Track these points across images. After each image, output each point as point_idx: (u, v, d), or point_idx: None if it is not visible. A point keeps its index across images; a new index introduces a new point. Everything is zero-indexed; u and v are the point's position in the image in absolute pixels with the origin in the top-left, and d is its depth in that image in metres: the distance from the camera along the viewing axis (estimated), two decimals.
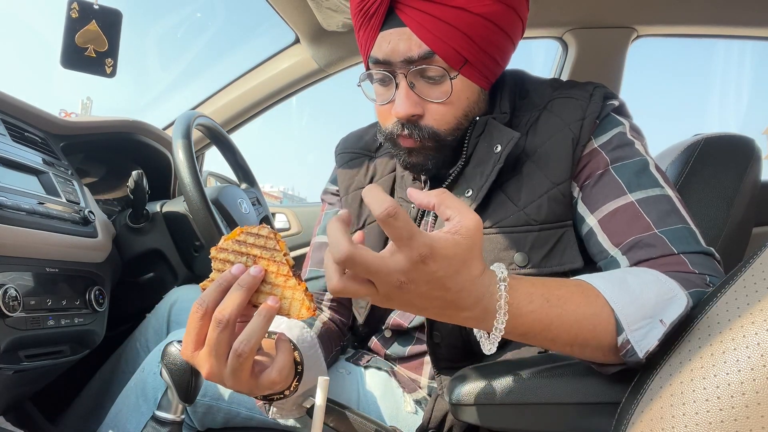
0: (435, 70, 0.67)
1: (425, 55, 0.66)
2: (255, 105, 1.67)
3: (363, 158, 0.87)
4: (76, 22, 0.83)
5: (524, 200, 0.69)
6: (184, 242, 1.30)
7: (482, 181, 0.70)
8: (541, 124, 0.72)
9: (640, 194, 0.65)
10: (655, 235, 0.62)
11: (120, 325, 1.27)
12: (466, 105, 0.71)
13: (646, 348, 0.49)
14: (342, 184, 0.87)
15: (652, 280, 0.53)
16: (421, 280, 0.44)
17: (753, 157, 0.98)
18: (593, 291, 0.52)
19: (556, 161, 0.69)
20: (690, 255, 0.60)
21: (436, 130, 0.69)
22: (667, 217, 0.63)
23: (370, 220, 0.82)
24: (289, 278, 0.51)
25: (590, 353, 0.52)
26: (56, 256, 0.95)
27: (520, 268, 0.67)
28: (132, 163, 1.47)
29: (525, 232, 0.68)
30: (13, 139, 1.02)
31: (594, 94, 0.71)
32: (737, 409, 0.39)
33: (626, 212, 0.65)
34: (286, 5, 1.35)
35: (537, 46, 1.73)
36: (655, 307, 0.50)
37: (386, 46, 0.67)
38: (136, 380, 0.87)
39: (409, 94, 0.68)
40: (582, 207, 0.69)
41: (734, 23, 1.42)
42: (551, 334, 0.50)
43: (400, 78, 0.68)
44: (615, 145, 0.69)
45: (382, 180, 0.83)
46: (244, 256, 0.52)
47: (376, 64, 0.69)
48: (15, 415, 1.02)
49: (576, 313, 0.50)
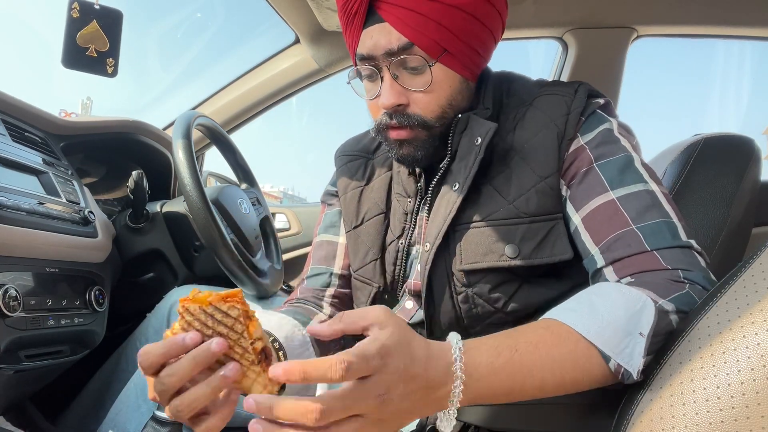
0: (415, 60, 0.69)
1: (404, 47, 0.69)
2: (255, 105, 1.67)
3: (361, 159, 0.89)
4: (77, 21, 0.83)
5: (513, 194, 0.70)
6: (184, 242, 1.30)
7: (466, 173, 0.71)
8: (528, 119, 0.73)
9: (622, 191, 0.65)
10: (631, 231, 0.62)
11: (120, 325, 1.27)
12: (449, 93, 0.73)
13: (636, 367, 0.49)
14: (341, 185, 0.89)
15: (617, 296, 0.53)
16: (393, 381, 0.44)
17: (753, 157, 0.98)
18: (564, 328, 0.51)
19: (542, 156, 0.70)
20: (663, 251, 0.60)
21: (422, 117, 0.72)
22: (645, 213, 0.63)
23: (368, 217, 0.83)
24: (253, 364, 0.46)
25: (585, 385, 0.51)
26: (56, 256, 0.95)
27: (511, 260, 0.68)
28: (132, 163, 1.47)
29: (515, 225, 0.69)
30: (13, 139, 1.02)
31: (578, 91, 0.73)
32: (737, 409, 0.39)
33: (607, 210, 0.65)
34: (286, 5, 1.35)
35: (537, 46, 1.73)
36: (628, 323, 0.50)
37: (369, 42, 0.71)
38: (135, 380, 0.87)
39: (392, 84, 0.71)
40: (569, 206, 0.69)
41: (734, 23, 1.42)
42: (536, 382, 0.49)
43: (384, 71, 0.71)
44: (599, 142, 0.69)
45: (380, 178, 0.85)
46: (209, 329, 0.46)
47: (362, 60, 0.72)
48: (15, 415, 1.02)
49: (551, 355, 0.50)
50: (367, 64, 0.72)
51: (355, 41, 0.73)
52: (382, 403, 0.43)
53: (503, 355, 0.49)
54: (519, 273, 0.69)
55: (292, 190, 45.83)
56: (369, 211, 0.83)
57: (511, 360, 0.49)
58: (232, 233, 1.22)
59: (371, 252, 0.81)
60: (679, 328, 0.50)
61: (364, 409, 0.43)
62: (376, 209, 0.83)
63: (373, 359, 0.43)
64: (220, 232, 1.06)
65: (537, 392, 0.50)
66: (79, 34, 0.83)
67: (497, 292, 0.69)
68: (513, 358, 0.49)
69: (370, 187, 0.86)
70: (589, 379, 0.51)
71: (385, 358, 0.43)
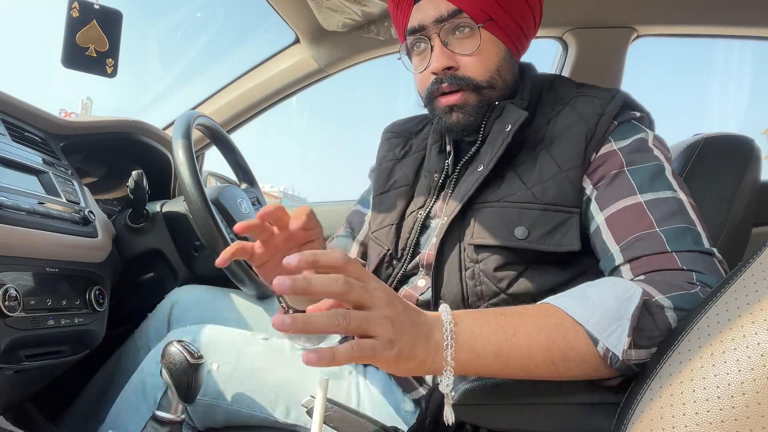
0: (464, 22, 0.75)
1: (453, 13, 0.75)
2: (255, 105, 1.67)
3: (402, 138, 0.96)
4: (76, 21, 0.83)
5: (533, 181, 0.73)
6: (184, 242, 1.30)
7: (492, 155, 0.75)
8: (561, 116, 0.76)
9: (650, 195, 0.66)
10: (654, 233, 0.63)
11: (120, 325, 1.26)
12: (497, 59, 0.78)
13: (621, 348, 0.50)
14: (378, 157, 0.96)
15: (609, 286, 0.55)
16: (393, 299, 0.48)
17: (753, 157, 0.98)
18: (552, 307, 0.54)
19: (567, 149, 0.73)
20: (682, 253, 0.61)
21: (472, 78, 0.77)
22: (671, 217, 0.64)
23: (395, 187, 0.89)
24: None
25: (577, 368, 0.53)
26: (56, 256, 0.95)
27: (519, 240, 0.70)
28: (132, 163, 1.47)
29: (529, 209, 0.71)
30: (13, 139, 1.02)
31: (616, 96, 0.75)
32: (737, 409, 0.39)
33: (633, 211, 0.66)
34: (286, 5, 1.35)
35: (537, 46, 1.73)
36: (617, 309, 0.51)
37: (419, 15, 0.77)
38: (135, 381, 0.87)
39: (442, 49, 0.76)
40: (594, 206, 0.70)
41: (734, 23, 1.42)
42: (522, 347, 0.51)
43: (434, 38, 0.77)
44: (632, 149, 0.71)
45: (413, 155, 0.91)
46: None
47: (412, 33, 0.78)
48: (15, 415, 1.02)
49: (537, 324, 0.52)
50: (417, 36, 0.78)
51: (405, 18, 0.79)
52: (387, 301, 0.48)
53: (488, 314, 0.53)
54: (525, 257, 0.71)
55: (292, 190, 45.85)
56: (397, 182, 0.89)
57: (496, 320, 0.53)
58: (232, 233, 1.22)
59: (390, 217, 0.85)
60: (679, 328, 0.50)
61: (367, 295, 0.47)
62: (404, 181, 0.88)
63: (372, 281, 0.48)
64: (220, 232, 1.06)
65: (527, 360, 0.52)
66: (79, 34, 0.83)
67: (502, 272, 0.71)
68: (497, 319, 0.53)
69: (403, 162, 0.91)
70: (578, 360, 0.52)
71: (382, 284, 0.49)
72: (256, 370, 0.83)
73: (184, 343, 0.76)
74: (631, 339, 0.50)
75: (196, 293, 1.17)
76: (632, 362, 0.51)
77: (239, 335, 0.89)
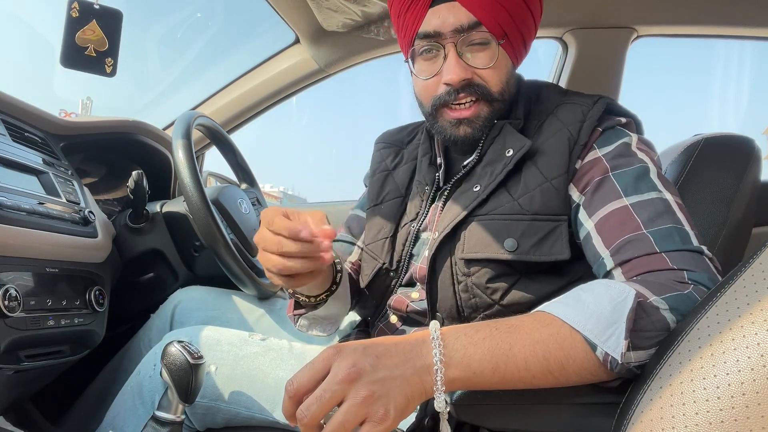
0: (483, 36, 0.74)
1: (473, 25, 0.73)
2: (255, 105, 1.67)
3: (393, 148, 0.95)
4: (76, 21, 0.83)
5: (519, 192, 0.73)
6: (184, 242, 1.30)
7: (491, 179, 0.75)
8: (545, 127, 0.76)
9: (636, 198, 0.66)
10: (642, 235, 0.63)
11: (120, 325, 1.27)
12: (507, 74, 0.78)
13: (620, 351, 0.50)
14: (371, 167, 0.96)
15: (603, 289, 0.54)
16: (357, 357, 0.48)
17: (753, 157, 0.98)
18: (547, 315, 0.53)
19: (551, 158, 0.73)
20: (671, 253, 0.61)
21: (488, 88, 0.76)
22: (657, 218, 0.64)
23: (387, 199, 0.88)
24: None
25: (575, 374, 0.52)
26: (56, 256, 0.95)
27: (509, 253, 0.70)
28: (132, 163, 1.47)
29: (517, 220, 0.71)
30: (13, 139, 1.02)
31: (597, 102, 0.75)
32: (737, 409, 0.39)
33: (620, 215, 0.66)
34: (286, 5, 1.35)
35: (537, 47, 1.73)
36: (613, 313, 0.51)
37: (436, 20, 0.74)
38: (132, 383, 0.87)
39: (458, 60, 0.74)
40: (582, 213, 0.70)
41: (734, 23, 1.42)
42: (519, 361, 0.50)
43: (450, 47, 0.74)
44: (617, 154, 0.71)
45: (405, 166, 0.91)
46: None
47: (425, 38, 0.76)
48: (15, 415, 1.02)
49: (532, 336, 0.51)
50: (431, 41, 0.75)
51: (417, 21, 0.76)
52: (354, 378, 0.46)
53: (482, 331, 0.52)
54: (517, 267, 0.71)
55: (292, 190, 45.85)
56: (389, 194, 0.88)
57: (491, 336, 0.51)
58: (232, 233, 1.22)
59: (384, 230, 0.85)
60: (679, 328, 0.50)
61: (338, 389, 0.46)
62: (396, 192, 0.88)
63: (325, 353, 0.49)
64: (220, 232, 1.06)
65: (524, 373, 0.51)
66: (78, 33, 0.83)
67: (495, 284, 0.71)
68: (492, 335, 0.51)
69: (395, 172, 0.91)
70: (576, 366, 0.51)
71: (337, 349, 0.48)
72: (255, 371, 0.83)
73: (184, 343, 0.76)
74: (628, 341, 0.50)
75: (199, 294, 1.17)
76: (632, 364, 0.51)
77: (237, 336, 0.89)
